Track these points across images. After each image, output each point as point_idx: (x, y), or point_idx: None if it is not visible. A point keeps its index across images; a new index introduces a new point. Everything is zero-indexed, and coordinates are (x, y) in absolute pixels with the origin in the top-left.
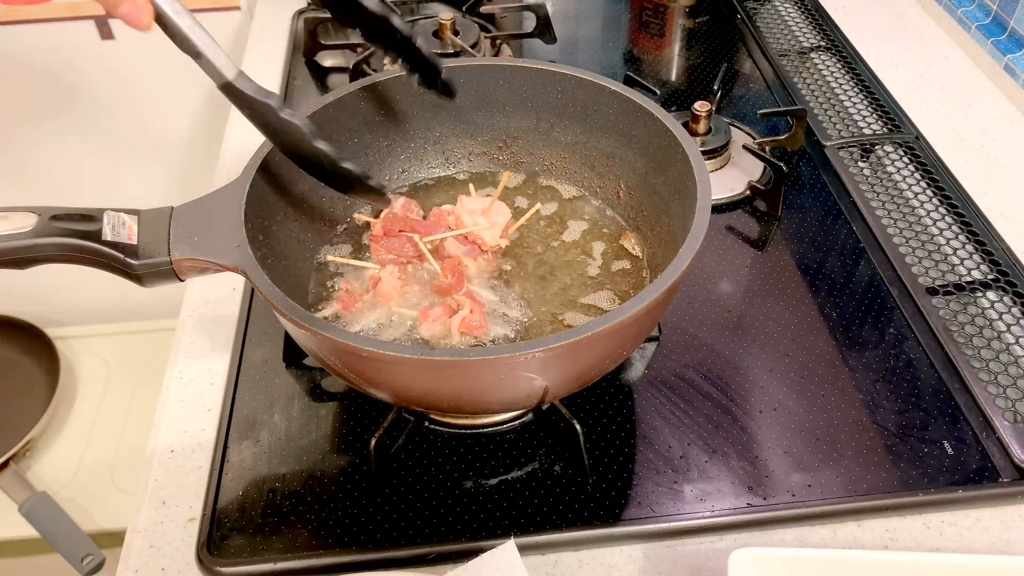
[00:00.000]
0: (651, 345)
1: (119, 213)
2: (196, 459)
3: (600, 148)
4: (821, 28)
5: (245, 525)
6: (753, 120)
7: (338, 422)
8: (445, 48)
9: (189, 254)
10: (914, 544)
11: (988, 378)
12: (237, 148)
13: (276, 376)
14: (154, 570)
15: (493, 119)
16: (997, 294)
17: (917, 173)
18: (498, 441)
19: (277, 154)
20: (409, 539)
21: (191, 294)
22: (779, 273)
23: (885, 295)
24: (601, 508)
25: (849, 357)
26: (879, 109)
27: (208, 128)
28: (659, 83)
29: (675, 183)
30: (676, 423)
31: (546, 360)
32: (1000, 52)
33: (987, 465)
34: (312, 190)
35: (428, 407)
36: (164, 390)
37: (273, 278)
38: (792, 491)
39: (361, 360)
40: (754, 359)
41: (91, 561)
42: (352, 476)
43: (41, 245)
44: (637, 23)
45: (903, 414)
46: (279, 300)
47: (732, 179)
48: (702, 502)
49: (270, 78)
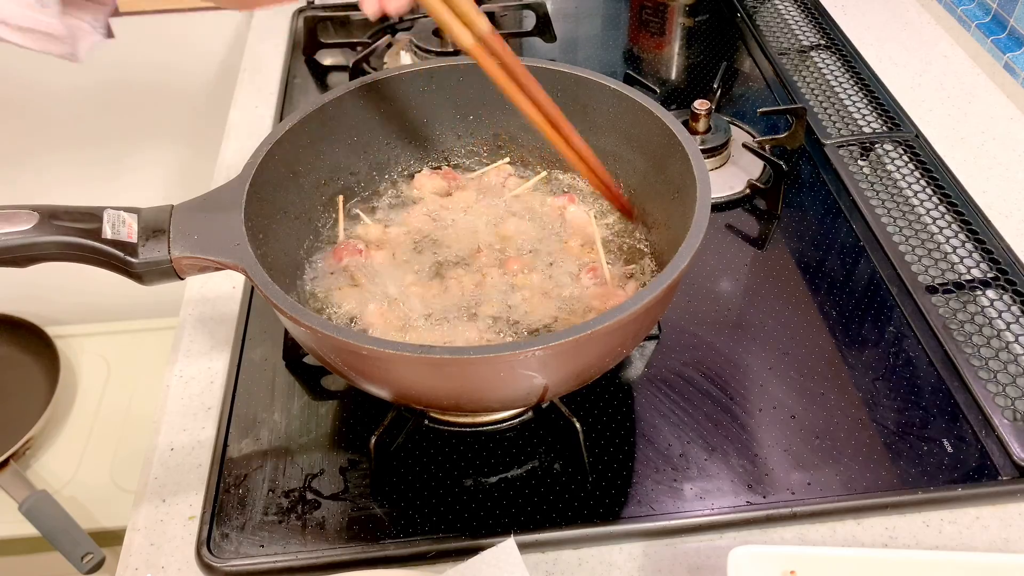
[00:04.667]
0: (651, 343)
1: (119, 211)
2: (196, 457)
3: (600, 147)
4: (821, 27)
5: (245, 523)
6: (753, 118)
7: (338, 420)
8: (445, 47)
9: (189, 252)
10: (913, 542)
11: (987, 376)
12: (237, 146)
13: (276, 374)
14: (154, 568)
15: (493, 117)
16: (996, 292)
17: (917, 172)
18: (498, 439)
19: (277, 152)
20: (409, 537)
21: (191, 292)
22: (779, 272)
23: (884, 293)
24: (601, 506)
25: (848, 355)
26: (879, 108)
27: (208, 126)
28: (659, 81)
29: (675, 181)
30: (676, 421)
31: (546, 358)
32: (1000, 51)
33: (986, 463)
34: (312, 188)
35: (428, 405)
36: (164, 388)
37: (273, 276)
38: (792, 489)
39: (361, 358)
40: (754, 357)
41: (91, 559)
42: (352, 474)
43: (41, 243)
44: (637, 21)
45: (902, 412)
46: (279, 298)
47: (732, 177)
48: (702, 500)
49: (270, 77)
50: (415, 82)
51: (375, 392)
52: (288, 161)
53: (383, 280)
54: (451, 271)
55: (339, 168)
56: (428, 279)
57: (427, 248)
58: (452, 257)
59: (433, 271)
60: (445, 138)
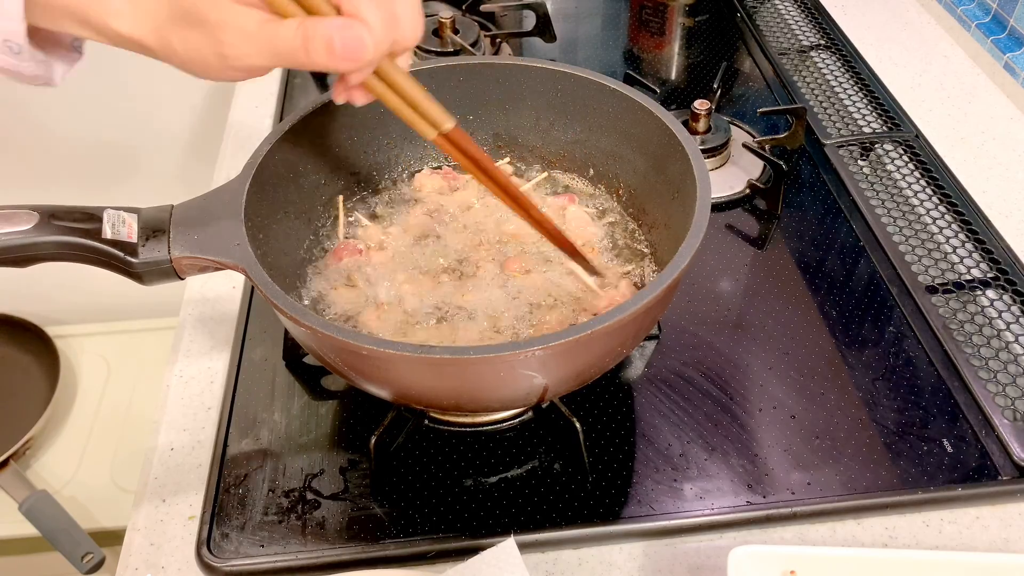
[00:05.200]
0: (651, 343)
1: (119, 211)
2: (196, 457)
3: (600, 147)
4: (821, 27)
5: (245, 523)
6: (753, 118)
7: (338, 420)
8: (445, 46)
9: (189, 252)
10: (913, 542)
11: (987, 376)
12: (237, 146)
13: (276, 374)
14: (154, 568)
15: (493, 117)
16: (996, 292)
17: (917, 172)
18: (498, 439)
19: (277, 152)
20: (409, 537)
21: (191, 292)
22: (779, 271)
23: (884, 293)
24: (601, 506)
25: (848, 355)
26: (879, 107)
27: (208, 126)
28: (659, 81)
29: (675, 181)
30: (676, 421)
31: (546, 358)
32: (1000, 51)
33: (986, 463)
34: (312, 188)
35: (428, 405)
36: (164, 388)
37: (273, 276)
38: (792, 489)
39: (361, 358)
40: (754, 357)
41: (91, 559)
42: (352, 474)
43: (41, 243)
44: (637, 21)
45: (902, 412)
46: (279, 298)
47: (732, 177)
48: (702, 500)
49: (270, 77)
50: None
51: (375, 392)
52: (288, 161)
53: (383, 280)
54: (451, 271)
55: (339, 168)
56: (428, 279)
57: (427, 248)
58: (452, 257)
59: (433, 271)
60: None
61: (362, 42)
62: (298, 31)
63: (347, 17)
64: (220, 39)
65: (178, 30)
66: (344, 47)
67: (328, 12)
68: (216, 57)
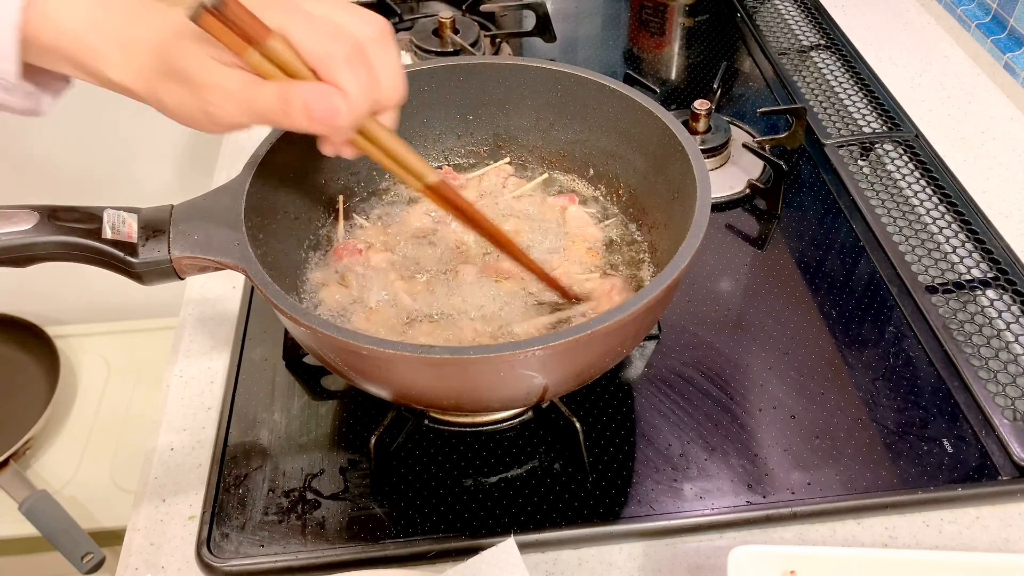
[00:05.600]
0: (651, 343)
1: (119, 211)
2: (196, 457)
3: (600, 147)
4: (821, 27)
5: (245, 523)
6: (753, 118)
7: (338, 420)
8: (445, 46)
9: (189, 252)
10: (913, 542)
11: (987, 376)
12: (237, 146)
13: (276, 374)
14: (154, 568)
15: (493, 117)
16: (996, 292)
17: (917, 172)
18: (498, 439)
19: (277, 152)
20: (409, 537)
21: (191, 292)
22: (779, 271)
23: (884, 293)
24: (601, 506)
25: (848, 355)
26: (879, 107)
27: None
28: (659, 81)
29: (675, 181)
30: (676, 421)
31: (546, 358)
32: (1000, 51)
33: (986, 463)
34: (312, 188)
35: (428, 405)
36: (164, 388)
37: (273, 276)
38: (792, 489)
39: (361, 358)
40: (754, 357)
41: (91, 559)
42: (352, 474)
43: (41, 243)
44: (637, 21)
45: (902, 412)
46: (279, 298)
47: (732, 177)
48: (702, 500)
49: None
50: (415, 82)
51: (375, 392)
52: (288, 161)
53: (383, 279)
54: (451, 271)
55: (339, 168)
56: (428, 278)
57: (427, 248)
58: (452, 257)
59: (433, 271)
60: (445, 138)
61: (336, 110)
62: (278, 95)
63: (324, 84)
64: (204, 97)
65: (166, 84)
66: (320, 113)
67: (307, 76)
68: (201, 113)
